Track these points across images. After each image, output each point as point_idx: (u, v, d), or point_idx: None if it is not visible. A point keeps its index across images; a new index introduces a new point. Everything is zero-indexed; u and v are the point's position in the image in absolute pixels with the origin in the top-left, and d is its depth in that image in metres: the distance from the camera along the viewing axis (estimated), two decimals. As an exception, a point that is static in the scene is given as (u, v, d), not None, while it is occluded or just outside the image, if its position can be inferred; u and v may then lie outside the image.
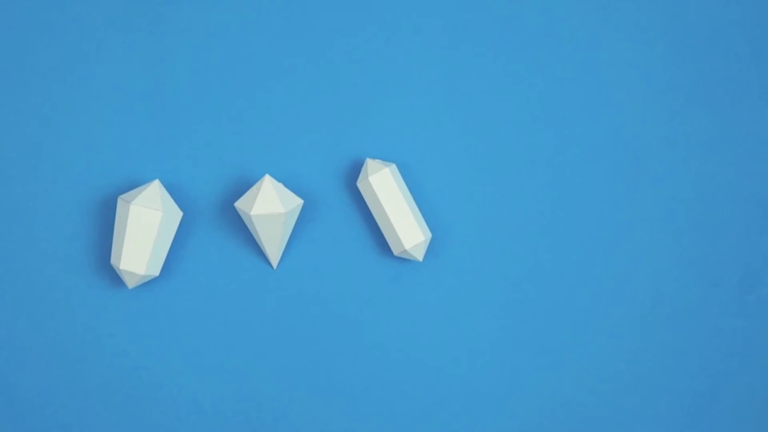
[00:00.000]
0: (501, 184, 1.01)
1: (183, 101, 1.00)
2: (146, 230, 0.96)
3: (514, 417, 1.00)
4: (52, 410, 0.99)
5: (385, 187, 0.98)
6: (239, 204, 0.97)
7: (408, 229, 0.98)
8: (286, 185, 1.00)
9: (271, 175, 1.00)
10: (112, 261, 0.97)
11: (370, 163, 0.98)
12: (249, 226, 0.98)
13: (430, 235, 0.99)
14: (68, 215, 1.00)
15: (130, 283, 0.97)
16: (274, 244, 0.98)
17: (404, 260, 1.01)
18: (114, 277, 1.00)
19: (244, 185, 1.00)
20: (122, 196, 0.97)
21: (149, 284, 1.00)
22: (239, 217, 1.00)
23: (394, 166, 0.99)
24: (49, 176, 1.00)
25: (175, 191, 1.00)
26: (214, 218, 1.00)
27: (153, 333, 1.00)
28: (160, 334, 1.00)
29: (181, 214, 0.98)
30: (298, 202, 0.97)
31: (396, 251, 0.98)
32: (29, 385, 0.99)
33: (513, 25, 1.02)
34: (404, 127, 1.01)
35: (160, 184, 0.98)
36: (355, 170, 1.01)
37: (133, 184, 1.00)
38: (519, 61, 1.01)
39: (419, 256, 0.99)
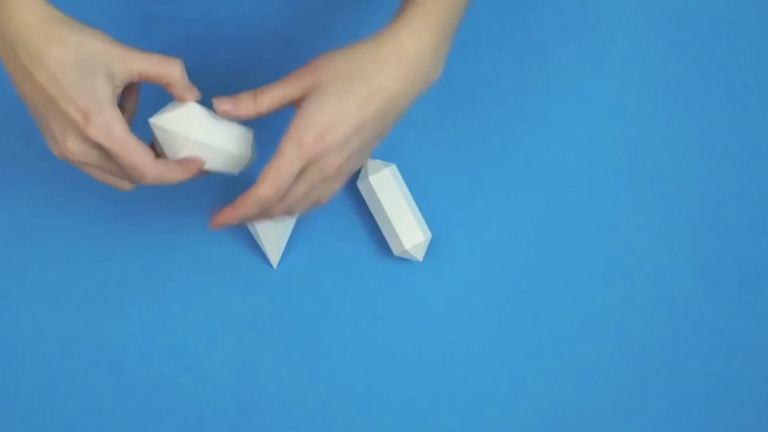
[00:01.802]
0: (500, 185, 1.01)
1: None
2: None
3: (513, 416, 1.00)
4: (52, 409, 1.00)
5: (385, 187, 0.98)
6: (239, 204, 0.97)
7: (408, 229, 0.98)
8: (286, 185, 1.00)
9: (271, 175, 1.00)
10: None
11: (370, 163, 0.98)
12: (249, 226, 0.98)
13: (430, 235, 0.99)
14: (70, 214, 1.00)
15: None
16: (274, 244, 0.98)
17: (404, 260, 1.01)
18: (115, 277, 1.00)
19: (244, 186, 1.00)
20: None
21: (148, 283, 1.00)
22: (239, 217, 1.00)
23: (394, 166, 0.99)
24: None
25: (175, 191, 1.01)
26: (214, 218, 1.01)
27: (152, 333, 1.00)
28: (160, 334, 1.00)
29: None
30: (298, 202, 0.98)
31: (396, 251, 0.98)
32: (30, 385, 1.00)
33: (512, 26, 1.02)
34: (404, 128, 1.01)
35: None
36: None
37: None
38: (518, 61, 1.02)
39: (419, 256, 0.99)
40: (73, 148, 0.78)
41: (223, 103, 0.81)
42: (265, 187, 0.79)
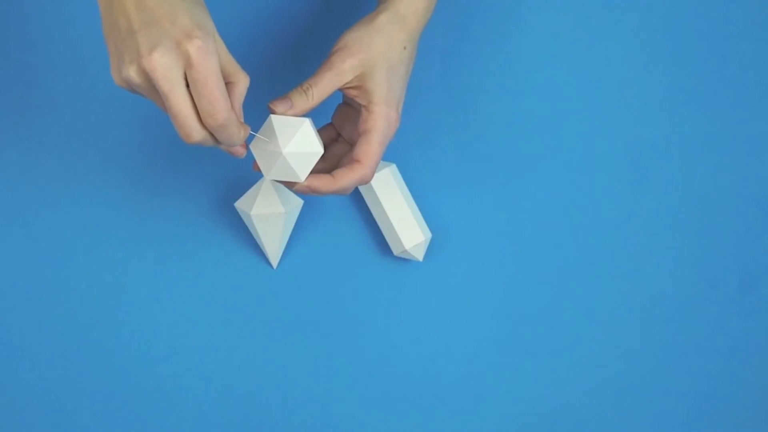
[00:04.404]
0: (500, 185, 1.01)
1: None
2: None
3: (513, 415, 1.00)
4: (52, 409, 0.99)
5: (385, 187, 0.98)
6: (239, 204, 0.97)
7: (408, 229, 0.98)
8: (286, 185, 1.00)
9: (271, 175, 1.00)
10: None
11: (370, 163, 0.98)
12: (249, 226, 0.98)
13: (430, 235, 0.99)
14: (69, 212, 1.00)
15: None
16: (274, 244, 0.98)
17: (404, 260, 1.01)
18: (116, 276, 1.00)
19: (244, 185, 1.00)
20: None
21: (148, 284, 1.00)
22: (239, 217, 1.00)
23: (394, 166, 0.99)
24: None
25: (175, 191, 1.01)
26: (214, 218, 1.00)
27: (152, 333, 1.00)
28: (160, 334, 1.00)
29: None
30: (298, 202, 0.97)
31: (396, 251, 0.98)
32: (30, 385, 0.99)
33: (512, 26, 1.02)
34: (404, 128, 1.01)
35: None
36: (355, 170, 1.01)
37: (134, 184, 1.00)
38: (518, 61, 1.02)
39: (419, 256, 0.99)
40: (161, 60, 0.75)
41: (278, 105, 0.85)
42: (369, 164, 0.86)
